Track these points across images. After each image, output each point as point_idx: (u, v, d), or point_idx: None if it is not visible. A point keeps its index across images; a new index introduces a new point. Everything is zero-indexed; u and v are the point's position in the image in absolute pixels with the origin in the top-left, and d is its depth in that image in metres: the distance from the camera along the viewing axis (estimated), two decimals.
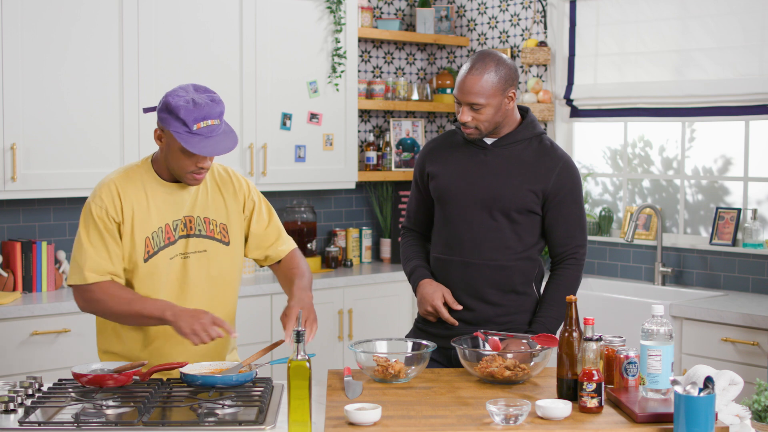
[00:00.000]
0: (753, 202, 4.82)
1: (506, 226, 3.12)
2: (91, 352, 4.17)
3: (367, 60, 5.86)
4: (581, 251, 3.17)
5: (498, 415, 2.38)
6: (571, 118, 5.46)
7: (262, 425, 2.36)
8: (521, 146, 3.15)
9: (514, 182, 3.10)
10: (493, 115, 3.06)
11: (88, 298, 2.83)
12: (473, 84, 3.01)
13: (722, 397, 2.45)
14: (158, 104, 2.81)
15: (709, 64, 4.84)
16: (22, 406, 2.53)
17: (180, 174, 2.83)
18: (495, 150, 3.15)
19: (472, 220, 3.14)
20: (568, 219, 3.14)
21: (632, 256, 5.19)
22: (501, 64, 3.05)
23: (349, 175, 5.33)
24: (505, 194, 3.10)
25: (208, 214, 2.94)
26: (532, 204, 3.11)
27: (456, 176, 3.17)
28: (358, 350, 2.86)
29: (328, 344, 4.98)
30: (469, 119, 3.05)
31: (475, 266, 3.12)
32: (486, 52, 3.09)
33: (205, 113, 2.73)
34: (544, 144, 3.17)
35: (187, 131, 2.72)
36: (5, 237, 4.56)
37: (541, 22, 5.52)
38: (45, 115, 4.29)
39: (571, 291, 3.13)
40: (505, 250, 3.12)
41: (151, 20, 4.56)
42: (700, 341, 4.26)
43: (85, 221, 2.85)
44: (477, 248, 3.13)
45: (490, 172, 3.13)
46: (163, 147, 2.83)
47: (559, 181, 3.11)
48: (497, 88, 3.03)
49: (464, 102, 3.04)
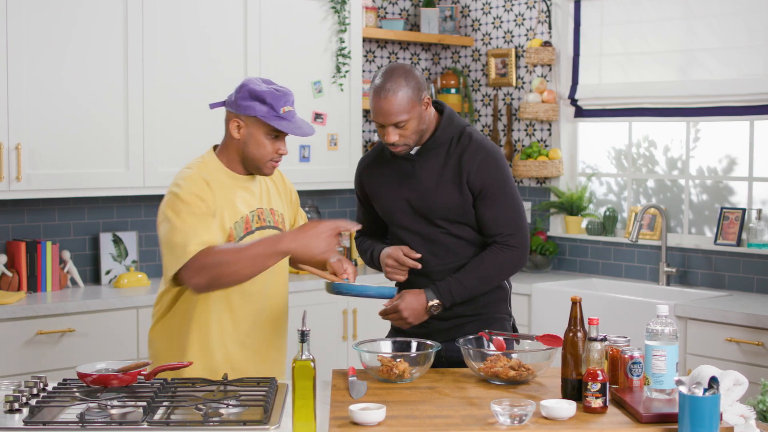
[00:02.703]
0: (758, 202, 4.82)
1: (453, 229, 3.12)
2: (96, 352, 4.19)
3: (372, 60, 5.86)
4: (512, 239, 3.09)
5: (502, 415, 2.38)
6: (576, 118, 5.46)
7: (266, 425, 2.36)
8: (444, 149, 3.12)
9: (445, 188, 3.09)
10: (417, 126, 3.03)
11: (199, 267, 2.73)
12: (392, 104, 2.97)
13: (727, 398, 2.44)
14: (232, 96, 2.89)
15: (714, 64, 4.83)
16: (26, 405, 2.53)
17: (260, 162, 2.90)
18: (421, 160, 3.13)
19: (420, 231, 3.15)
20: (493, 210, 3.09)
21: (637, 256, 5.18)
22: (409, 75, 3.00)
23: (352, 174, 5.31)
24: (437, 202, 3.10)
25: (273, 205, 3.03)
26: (465, 202, 3.09)
27: (392, 193, 3.18)
28: (362, 350, 2.86)
29: (332, 344, 4.98)
30: (396, 138, 3.02)
31: (437, 272, 3.13)
32: (390, 68, 3.02)
33: (286, 99, 2.87)
34: (464, 139, 3.11)
35: (275, 115, 2.83)
36: (10, 237, 4.57)
37: (545, 22, 5.52)
38: (50, 115, 4.30)
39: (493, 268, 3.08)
40: (459, 249, 3.13)
41: (156, 21, 4.56)
42: (704, 341, 4.26)
43: (173, 208, 2.80)
44: (433, 256, 3.13)
45: (420, 184, 3.12)
46: (241, 138, 2.88)
47: (480, 172, 3.07)
48: (414, 99, 2.99)
49: (388, 123, 3.00)
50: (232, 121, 2.89)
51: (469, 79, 5.94)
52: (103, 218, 4.84)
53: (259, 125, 2.86)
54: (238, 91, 2.88)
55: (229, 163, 2.94)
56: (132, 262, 4.85)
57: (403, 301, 3.06)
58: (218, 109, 4.80)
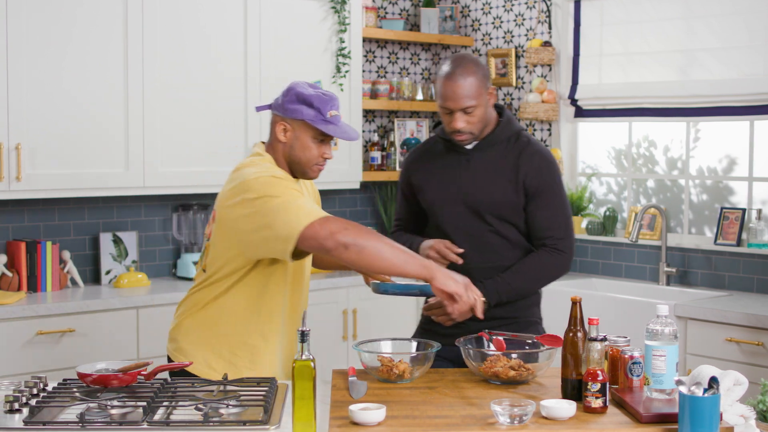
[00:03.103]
0: (758, 202, 4.82)
1: (499, 227, 3.15)
2: (96, 352, 4.19)
3: (372, 60, 5.86)
4: (561, 243, 3.15)
5: (502, 415, 2.38)
6: (576, 118, 5.46)
7: (266, 425, 2.36)
8: (501, 147, 3.17)
9: (499, 184, 3.13)
10: (483, 114, 3.10)
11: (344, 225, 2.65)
12: (463, 88, 3.03)
13: (727, 398, 2.44)
14: (279, 99, 2.88)
15: (714, 64, 4.83)
16: (26, 405, 2.53)
17: (306, 166, 2.90)
18: (475, 154, 3.17)
19: (465, 226, 3.16)
20: (545, 212, 3.14)
21: (637, 256, 5.18)
22: (478, 63, 3.10)
23: (353, 175, 5.33)
24: (491, 197, 3.13)
25: None
26: (518, 202, 3.13)
27: (442, 186, 3.20)
28: (362, 350, 2.86)
29: (332, 344, 4.98)
30: (464, 125, 3.07)
31: (476, 270, 3.13)
32: (460, 56, 3.11)
33: (333, 103, 2.87)
34: (522, 141, 3.19)
35: (321, 118, 2.83)
36: (10, 237, 4.57)
37: (545, 22, 5.52)
38: (50, 115, 4.30)
39: (540, 271, 3.13)
40: (502, 250, 3.15)
41: (156, 21, 4.56)
42: (704, 341, 4.26)
43: (278, 183, 2.74)
44: (475, 252, 3.14)
45: (474, 177, 3.16)
46: (288, 141, 2.88)
47: (536, 175, 3.13)
48: (483, 86, 3.08)
49: (457, 108, 3.05)
50: (278, 124, 2.89)
51: None
52: (103, 218, 4.84)
53: (305, 129, 2.86)
54: (285, 95, 2.88)
55: (278, 164, 2.93)
56: (132, 262, 4.86)
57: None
58: (218, 109, 4.84)
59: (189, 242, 5.02)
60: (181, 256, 4.98)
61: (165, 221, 5.05)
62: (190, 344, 2.94)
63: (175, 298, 4.44)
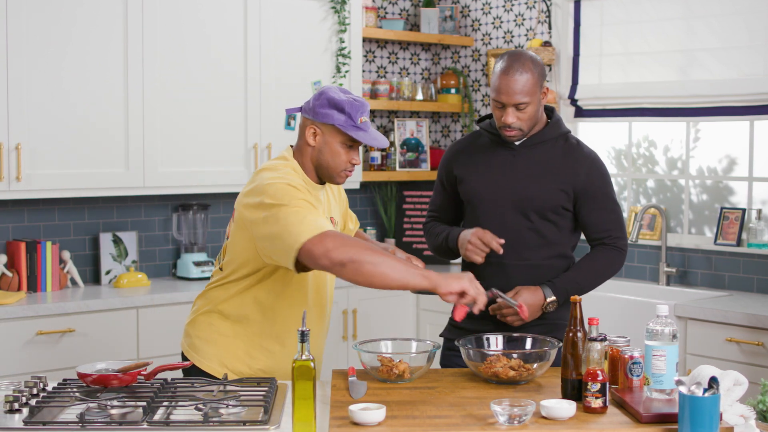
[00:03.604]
0: (758, 202, 4.82)
1: (539, 225, 3.16)
2: (96, 352, 4.19)
3: (372, 60, 5.86)
4: (620, 242, 3.20)
5: (502, 415, 2.38)
6: (576, 118, 5.46)
7: (266, 425, 2.36)
8: (548, 146, 3.20)
9: (544, 182, 3.14)
10: (534, 112, 3.12)
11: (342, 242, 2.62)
12: (518, 84, 3.05)
13: (727, 398, 2.44)
14: (310, 103, 2.86)
15: (714, 64, 4.83)
16: (26, 405, 2.53)
17: (334, 171, 2.89)
18: (522, 150, 3.19)
19: (505, 222, 3.17)
20: (601, 213, 3.18)
21: (637, 256, 5.18)
22: (535, 62, 3.11)
23: (353, 175, 5.32)
24: (536, 194, 3.14)
25: (333, 213, 3.04)
26: (564, 202, 3.15)
27: (486, 179, 3.21)
28: (362, 350, 2.86)
29: (332, 344, 4.98)
30: (515, 120, 3.09)
31: (510, 266, 3.16)
32: (518, 52, 3.12)
33: (363, 109, 2.86)
34: (570, 143, 3.22)
35: (352, 124, 2.82)
36: (10, 237, 4.57)
37: (545, 22, 5.52)
38: (50, 115, 4.30)
39: (603, 267, 3.18)
40: (540, 249, 3.16)
41: (156, 21, 4.56)
42: (704, 341, 4.26)
43: (290, 192, 2.70)
44: (511, 248, 3.15)
45: (519, 173, 3.17)
46: (317, 145, 2.87)
47: (588, 178, 3.17)
48: (537, 84, 3.09)
49: (510, 103, 3.07)
50: (308, 128, 2.87)
51: (469, 79, 5.94)
52: (103, 218, 4.85)
53: (336, 134, 2.85)
54: (316, 99, 2.86)
55: (304, 169, 2.91)
56: (132, 262, 4.86)
57: (520, 296, 3.07)
58: (218, 109, 4.83)
59: (189, 242, 5.02)
60: (181, 256, 4.98)
61: (165, 221, 5.05)
62: (202, 341, 2.94)
63: (175, 298, 4.45)
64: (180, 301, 4.45)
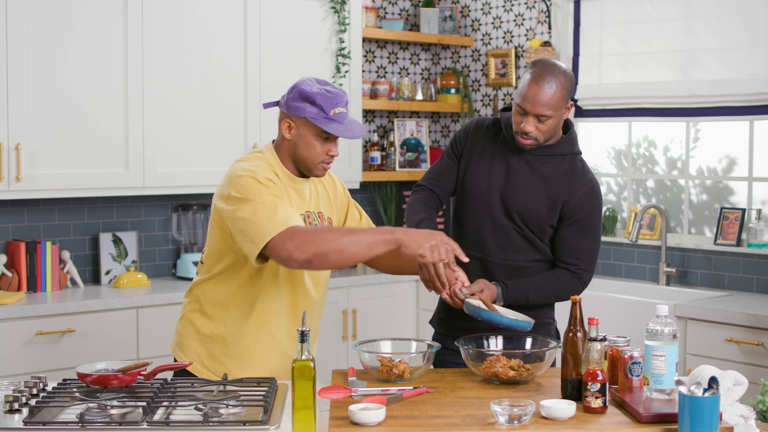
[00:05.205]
0: (757, 202, 4.82)
1: (527, 232, 3.16)
2: (96, 352, 4.19)
3: (372, 60, 5.86)
4: (585, 275, 3.16)
5: (502, 415, 2.38)
6: (576, 118, 5.46)
7: (266, 425, 2.36)
8: (555, 162, 3.17)
9: (538, 197, 3.13)
10: (554, 127, 3.09)
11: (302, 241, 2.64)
12: (546, 95, 3.01)
13: (727, 398, 2.44)
14: (285, 97, 2.87)
15: (714, 64, 4.83)
16: (26, 405, 2.53)
17: (311, 164, 2.88)
18: (530, 159, 3.16)
19: (495, 220, 3.17)
20: (578, 242, 3.15)
21: (636, 256, 5.18)
22: (567, 76, 3.06)
23: (353, 175, 5.33)
24: (525, 207, 3.14)
25: (321, 208, 3.02)
26: (551, 219, 3.14)
27: (487, 175, 3.20)
28: (362, 350, 2.86)
29: (332, 344, 4.98)
30: (533, 129, 3.06)
31: (495, 264, 3.16)
32: (551, 62, 3.06)
33: (338, 100, 2.83)
34: (576, 165, 3.19)
35: (324, 116, 2.81)
36: (10, 237, 4.57)
37: (545, 22, 5.52)
38: (49, 115, 4.30)
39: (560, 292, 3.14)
40: (526, 252, 3.17)
41: (156, 21, 4.56)
42: (704, 341, 4.26)
43: (254, 189, 2.73)
44: (498, 248, 3.16)
45: (519, 182, 3.16)
46: (292, 138, 2.87)
47: (580, 204, 3.14)
48: (563, 99, 3.05)
49: (533, 113, 3.03)
50: (283, 121, 2.89)
51: (469, 79, 5.94)
52: (103, 218, 4.84)
53: (308, 127, 2.85)
54: (290, 92, 2.87)
55: (283, 162, 2.92)
56: (132, 262, 4.86)
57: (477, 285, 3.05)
58: (218, 108, 4.83)
59: (189, 242, 5.02)
60: (181, 256, 4.98)
61: (165, 221, 5.05)
62: (187, 339, 2.95)
63: (175, 298, 4.45)
64: (180, 302, 4.45)
